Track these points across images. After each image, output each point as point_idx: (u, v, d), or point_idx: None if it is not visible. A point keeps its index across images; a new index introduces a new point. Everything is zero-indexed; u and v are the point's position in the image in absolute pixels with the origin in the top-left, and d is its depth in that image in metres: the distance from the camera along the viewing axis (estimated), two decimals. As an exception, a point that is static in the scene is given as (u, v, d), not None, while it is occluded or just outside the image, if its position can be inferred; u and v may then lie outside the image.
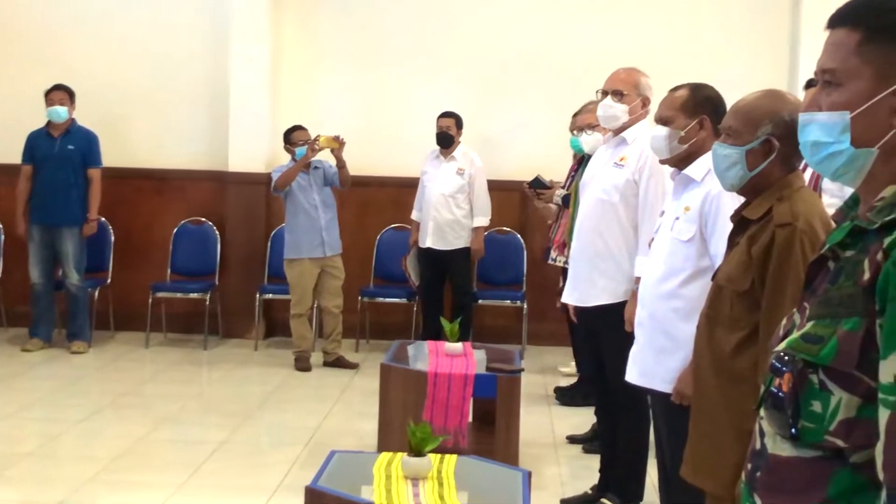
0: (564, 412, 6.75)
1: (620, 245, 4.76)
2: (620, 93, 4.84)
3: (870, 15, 1.71)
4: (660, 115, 3.88)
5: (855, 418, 1.62)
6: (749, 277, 2.88)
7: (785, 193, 2.92)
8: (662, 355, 3.62)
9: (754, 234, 2.91)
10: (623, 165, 4.78)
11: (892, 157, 1.71)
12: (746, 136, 2.97)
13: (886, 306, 1.57)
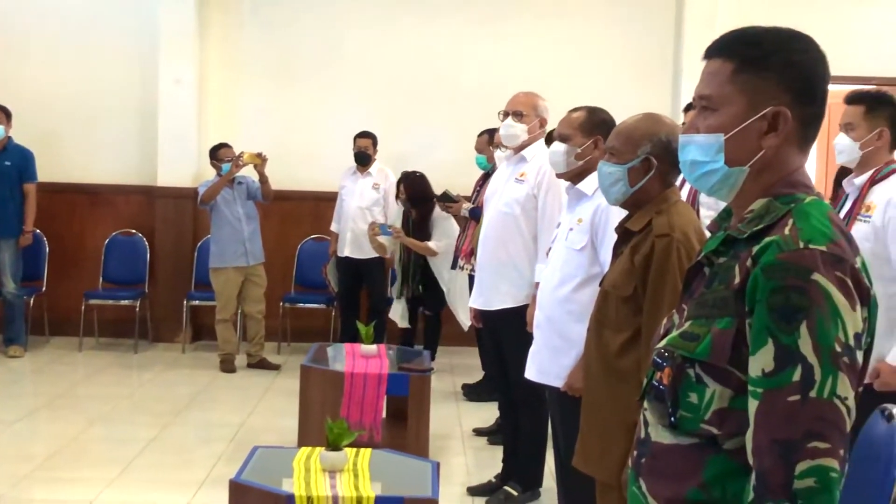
0: (471, 407, 6.78)
1: (521, 254, 4.80)
2: (520, 113, 4.88)
3: (742, 48, 1.77)
4: (559, 133, 3.94)
5: (727, 408, 1.66)
6: (632, 284, 2.93)
7: (663, 207, 2.98)
8: (558, 354, 3.66)
9: (636, 244, 2.96)
10: (523, 181, 4.82)
11: (761, 174, 1.76)
12: (628, 155, 3.03)
13: (755, 307, 1.63)
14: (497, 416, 5.76)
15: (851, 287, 1.61)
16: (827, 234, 1.64)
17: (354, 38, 8.76)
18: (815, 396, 1.55)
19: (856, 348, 1.60)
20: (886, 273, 3.71)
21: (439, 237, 7.34)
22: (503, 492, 4.89)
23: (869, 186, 3.83)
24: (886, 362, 3.68)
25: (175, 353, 8.32)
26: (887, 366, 3.68)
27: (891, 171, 3.85)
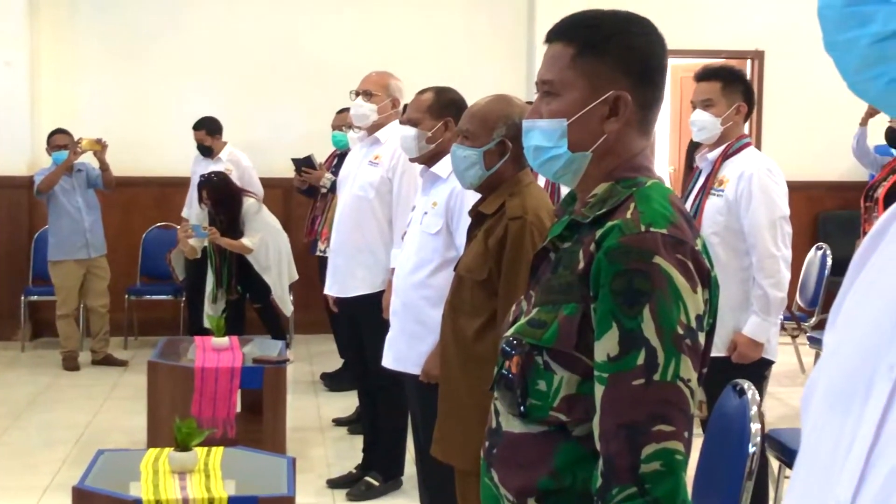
0: (331, 397, 6.77)
1: (377, 238, 4.82)
2: (370, 93, 4.88)
3: (582, 32, 1.81)
4: (408, 117, 3.96)
5: (575, 394, 1.71)
6: (486, 267, 2.98)
7: (516, 189, 3.04)
8: (415, 340, 3.69)
9: (490, 227, 3.01)
10: (377, 164, 4.83)
11: (604, 158, 1.82)
12: (483, 138, 3.07)
13: (598, 292, 1.67)
14: (357, 405, 5.77)
15: (692, 269, 1.68)
16: (667, 216, 1.70)
17: (200, 13, 8.59)
18: (658, 380, 1.61)
19: (697, 330, 1.67)
20: (740, 246, 3.87)
21: (252, 233, 7.13)
22: (364, 482, 4.91)
23: (721, 161, 3.98)
24: (743, 334, 3.84)
25: (13, 352, 8.04)
26: (744, 337, 3.84)
27: (743, 146, 4.00)
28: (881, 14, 0.76)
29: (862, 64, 0.79)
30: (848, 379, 0.86)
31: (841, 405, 0.85)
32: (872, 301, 0.88)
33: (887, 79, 0.78)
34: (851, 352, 0.89)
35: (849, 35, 0.78)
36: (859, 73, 0.79)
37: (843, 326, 0.93)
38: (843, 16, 0.78)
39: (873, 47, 0.77)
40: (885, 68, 0.77)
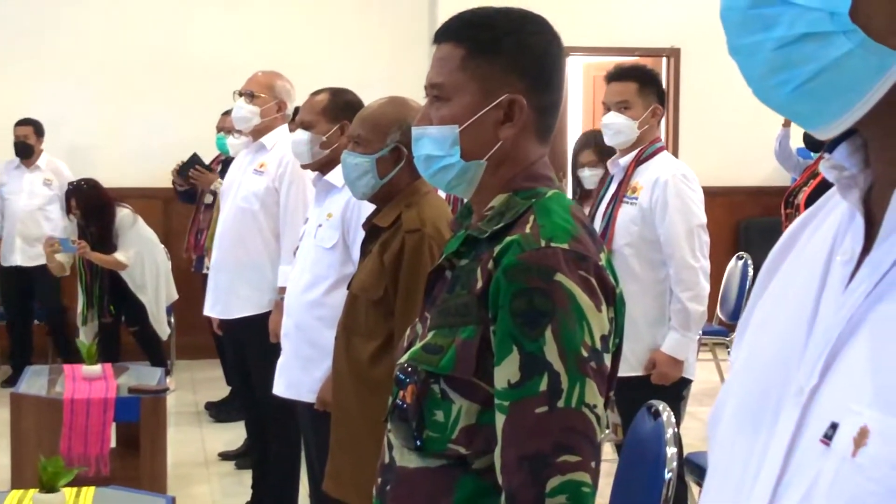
0: (217, 428, 6.70)
1: (263, 254, 4.78)
2: (253, 94, 4.85)
3: (473, 31, 1.82)
4: (301, 120, 3.95)
5: (475, 425, 1.72)
6: (382, 285, 2.97)
7: (413, 200, 3.04)
8: (309, 365, 3.67)
9: (385, 241, 3.01)
10: (263, 172, 4.79)
11: (500, 167, 1.83)
12: (376, 144, 3.07)
13: (497, 314, 1.68)
14: (245, 437, 5.71)
15: (596, 286, 1.70)
16: (569, 230, 1.72)
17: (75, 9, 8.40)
18: (562, 406, 1.63)
19: (603, 351, 1.69)
20: (655, 258, 3.93)
21: (126, 247, 7.03)
22: (254, 521, 4.86)
23: (634, 167, 4.03)
24: (662, 351, 3.89)
25: None
26: (662, 355, 3.89)
27: (656, 150, 4.06)
28: (786, 17, 0.78)
29: (767, 69, 0.81)
30: (756, 399, 0.88)
31: (749, 427, 0.87)
32: (781, 315, 0.90)
33: (793, 85, 0.79)
34: (760, 370, 0.91)
35: (753, 39, 0.80)
36: (764, 80, 0.81)
37: (751, 342, 0.95)
38: (746, 18, 0.80)
39: (778, 52, 0.79)
40: (789, 74, 0.79)
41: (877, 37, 0.76)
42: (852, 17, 0.76)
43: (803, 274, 0.91)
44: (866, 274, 0.81)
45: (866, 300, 0.80)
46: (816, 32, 0.77)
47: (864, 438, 0.74)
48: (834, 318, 0.83)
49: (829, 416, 0.79)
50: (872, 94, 0.78)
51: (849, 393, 0.78)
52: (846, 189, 0.86)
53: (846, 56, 0.77)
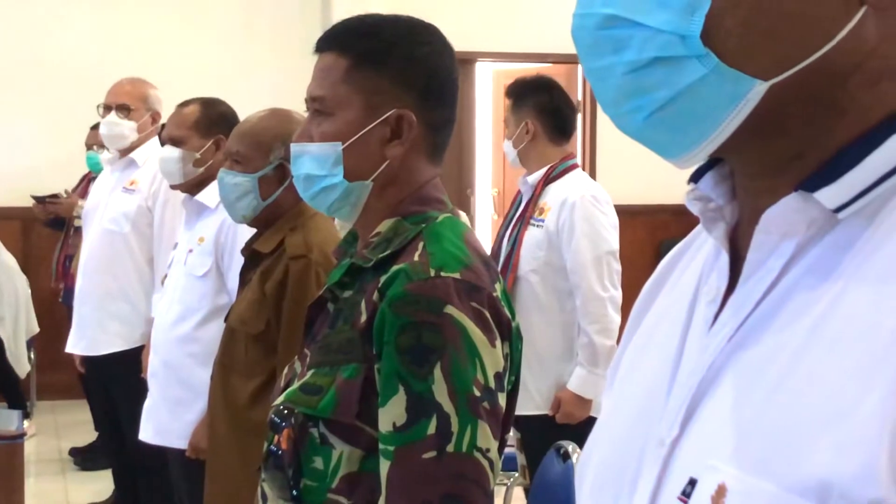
0: (83, 478, 6.62)
1: (134, 282, 4.74)
2: (127, 107, 4.81)
3: (358, 40, 1.83)
4: (170, 135, 3.91)
5: (357, 472, 1.72)
6: (263, 317, 2.96)
7: (298, 223, 3.03)
8: (179, 408, 3.64)
9: (267, 268, 2.99)
10: (134, 190, 4.76)
11: (387, 189, 1.84)
12: (257, 162, 3.05)
13: (383, 350, 1.68)
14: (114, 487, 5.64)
15: (490, 320, 1.71)
16: (461, 258, 1.73)
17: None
18: (452, 451, 1.64)
19: (497, 390, 1.70)
20: (562, 286, 3.95)
21: None
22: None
23: (543, 185, 4.05)
24: (568, 389, 3.92)
25: None
26: (569, 393, 3.92)
27: (567, 168, 4.09)
28: (636, 40, 0.79)
29: (619, 95, 0.82)
30: (620, 452, 0.90)
31: (613, 482, 0.89)
32: (647, 359, 0.92)
33: (646, 112, 0.81)
34: (624, 419, 0.93)
35: (604, 62, 0.81)
36: (617, 105, 0.83)
37: (618, 388, 0.97)
38: (597, 40, 0.82)
39: (629, 77, 0.80)
40: (642, 101, 0.81)
41: (731, 62, 0.78)
42: (705, 41, 0.77)
43: (672, 314, 0.93)
44: (729, 315, 0.83)
45: (728, 344, 0.82)
46: (668, 57, 0.78)
47: (722, 497, 0.76)
48: (696, 363, 0.84)
49: (689, 472, 0.80)
50: (729, 122, 0.80)
51: (708, 446, 0.80)
52: (711, 223, 0.88)
53: (699, 82, 0.78)
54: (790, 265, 0.80)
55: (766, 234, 0.81)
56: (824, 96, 0.79)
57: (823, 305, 0.76)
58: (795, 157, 0.81)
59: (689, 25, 0.77)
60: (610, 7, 0.80)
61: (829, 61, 0.78)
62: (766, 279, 0.81)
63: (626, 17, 0.79)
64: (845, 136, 0.79)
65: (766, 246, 0.82)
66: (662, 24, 0.78)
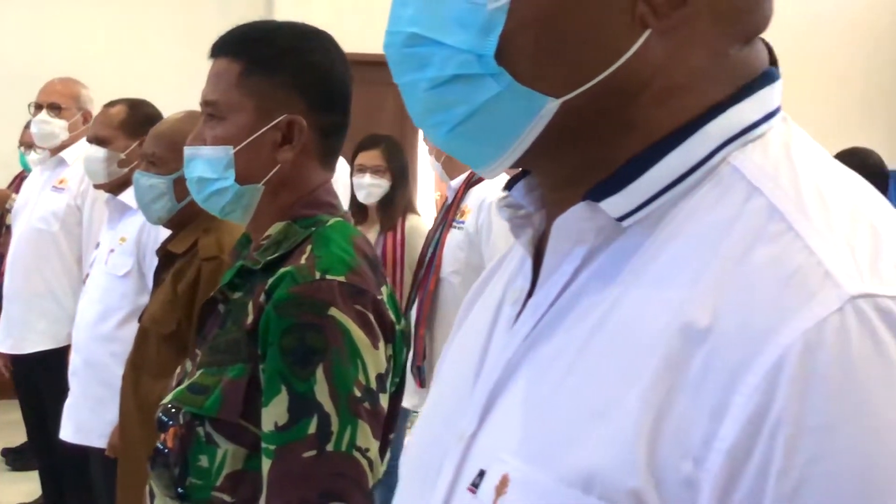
0: (15, 478, 6.57)
1: (63, 281, 4.72)
2: (58, 106, 4.80)
3: (251, 46, 1.86)
4: (95, 135, 3.91)
5: (242, 471, 1.75)
6: (175, 318, 2.97)
7: (212, 225, 3.04)
8: (99, 407, 3.64)
9: (180, 269, 3.01)
10: (63, 189, 4.74)
11: (279, 192, 1.87)
12: (173, 163, 3.06)
13: (267, 351, 1.71)
14: (46, 486, 5.62)
15: (373, 322, 1.74)
16: (347, 261, 1.76)
17: None
18: (332, 450, 1.67)
19: (379, 391, 1.73)
20: (482, 286, 3.98)
21: None
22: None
23: (465, 188, 4.10)
24: None
25: None
26: None
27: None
28: (438, 57, 0.83)
29: (424, 109, 0.86)
30: (429, 446, 0.94)
31: (420, 477, 0.93)
32: (459, 361, 0.96)
33: (448, 126, 0.85)
34: (436, 415, 0.97)
35: (409, 78, 0.85)
36: (424, 119, 0.87)
37: (437, 385, 1.01)
38: (403, 56, 0.85)
39: (431, 92, 0.84)
40: (444, 115, 0.84)
41: (523, 80, 0.81)
42: (499, 60, 0.81)
43: (483, 317, 0.97)
44: (528, 315, 0.87)
45: (524, 342, 0.86)
46: (466, 74, 0.82)
47: (505, 487, 0.79)
48: (496, 360, 0.89)
49: (480, 464, 0.84)
50: (525, 136, 0.83)
51: (499, 439, 0.83)
52: (519, 229, 0.92)
53: (495, 98, 0.82)
54: (581, 270, 0.84)
55: (560, 241, 0.86)
56: (614, 113, 0.83)
57: (604, 308, 0.80)
58: (589, 169, 0.84)
59: (485, 45, 0.81)
60: (414, 26, 0.84)
61: (617, 80, 0.81)
62: (559, 282, 0.85)
63: (428, 36, 0.83)
64: (633, 150, 0.83)
65: (560, 251, 0.86)
66: (461, 43, 0.81)
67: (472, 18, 0.81)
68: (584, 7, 0.80)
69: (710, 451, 0.70)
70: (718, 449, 0.70)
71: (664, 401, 0.73)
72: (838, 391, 0.68)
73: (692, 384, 0.72)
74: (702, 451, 0.71)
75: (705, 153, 0.81)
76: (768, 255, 0.74)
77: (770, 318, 0.71)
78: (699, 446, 0.71)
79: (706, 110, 0.82)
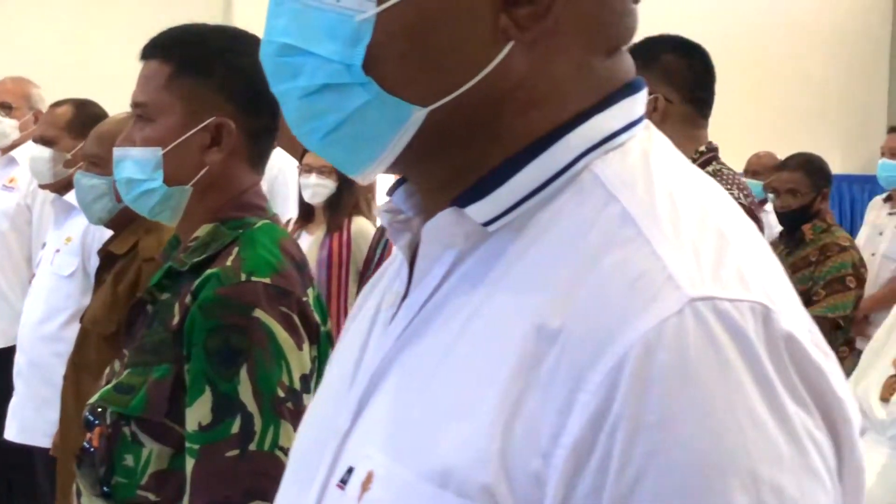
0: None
1: (12, 280, 4.71)
2: (9, 105, 4.81)
3: (181, 49, 1.88)
4: (42, 135, 3.92)
5: (166, 470, 1.76)
6: (115, 319, 2.97)
7: (153, 226, 3.04)
8: (44, 406, 3.64)
9: (121, 270, 3.02)
10: (13, 188, 4.74)
11: (207, 194, 1.88)
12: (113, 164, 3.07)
13: (192, 351, 1.73)
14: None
15: (298, 323, 1.77)
16: (273, 263, 1.78)
17: None
18: (255, 449, 1.69)
19: (302, 392, 1.75)
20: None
21: None
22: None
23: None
24: None
25: None
26: None
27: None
28: (308, 67, 0.85)
29: (298, 117, 0.89)
30: (310, 444, 0.96)
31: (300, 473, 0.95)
32: (343, 357, 0.99)
33: (321, 134, 0.87)
34: (318, 413, 1.00)
35: (283, 87, 0.88)
36: (299, 126, 0.89)
37: (324, 382, 1.04)
38: (276, 66, 0.88)
39: (304, 101, 0.87)
40: (317, 123, 0.87)
41: (390, 89, 0.84)
42: (367, 70, 0.84)
43: (365, 319, 0.99)
44: (402, 317, 0.90)
45: (397, 343, 0.89)
46: (336, 84, 0.84)
47: (370, 483, 0.83)
48: (371, 359, 0.91)
49: (350, 461, 0.87)
50: (395, 144, 0.86)
51: (368, 437, 0.86)
52: (398, 233, 0.95)
53: (364, 107, 0.85)
54: (451, 272, 0.87)
55: (430, 245, 0.88)
56: (481, 122, 0.86)
57: (470, 310, 0.83)
58: (458, 175, 0.87)
59: (353, 55, 0.83)
60: (286, 37, 0.86)
61: (482, 90, 0.84)
62: (431, 285, 0.88)
63: (299, 46, 0.85)
64: (499, 158, 0.86)
65: (430, 255, 0.89)
66: (330, 53, 0.84)
67: (340, 30, 0.83)
68: (448, 20, 0.83)
69: (557, 448, 0.73)
70: (564, 445, 0.73)
71: (518, 400, 0.76)
72: (674, 388, 0.71)
73: (543, 384, 0.75)
74: (549, 448, 0.74)
75: (567, 161, 0.84)
76: (617, 260, 0.77)
77: (614, 320, 0.74)
78: (547, 443, 0.74)
79: (569, 119, 0.85)
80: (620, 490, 0.71)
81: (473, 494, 0.76)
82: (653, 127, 0.89)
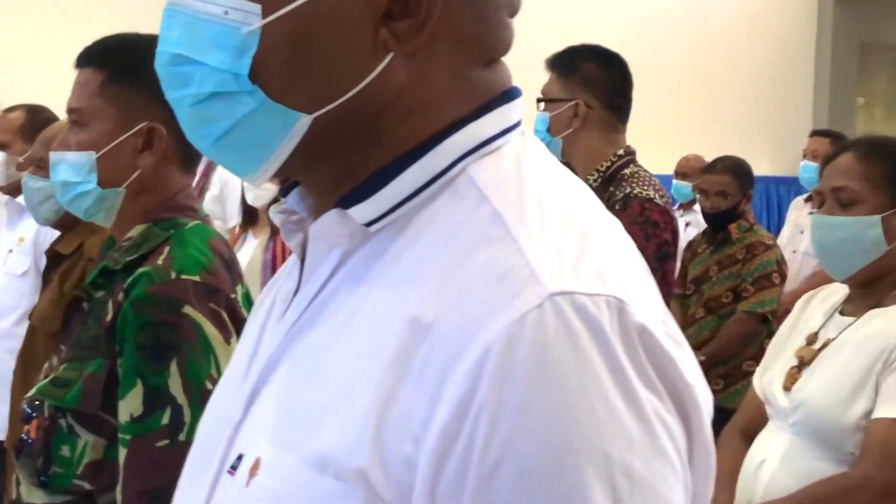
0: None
1: (-31, 281, 4.68)
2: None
3: (113, 57, 1.89)
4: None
5: (101, 461, 1.78)
6: (60, 317, 2.97)
7: (99, 227, 3.01)
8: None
9: (67, 269, 3.03)
10: (-32, 191, 4.70)
11: (140, 196, 1.90)
12: None
13: (124, 347, 1.74)
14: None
15: (226, 319, 1.78)
16: (202, 262, 1.80)
17: None
18: (184, 440, 1.70)
19: None
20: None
21: None
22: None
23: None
24: None
25: None
26: None
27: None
28: (198, 76, 0.87)
29: (191, 123, 0.90)
30: (206, 435, 0.99)
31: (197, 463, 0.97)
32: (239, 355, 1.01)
33: (212, 139, 0.89)
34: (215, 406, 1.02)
35: (176, 94, 0.90)
36: (192, 132, 0.91)
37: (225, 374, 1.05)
38: (168, 75, 0.90)
39: (195, 108, 0.88)
40: (208, 129, 0.89)
41: (276, 97, 0.86)
42: (254, 79, 0.85)
43: (260, 316, 1.02)
44: (292, 311, 0.92)
45: (287, 336, 0.91)
46: (224, 92, 0.86)
47: (257, 469, 0.85)
48: (263, 354, 0.93)
49: (240, 449, 0.89)
50: (282, 149, 0.88)
51: (257, 426, 0.89)
52: (291, 233, 0.96)
53: (252, 114, 0.86)
54: (338, 270, 0.89)
55: (318, 244, 0.90)
56: (364, 128, 0.88)
57: (353, 305, 0.85)
58: (343, 179, 0.89)
59: (240, 65, 0.85)
60: (177, 47, 0.88)
61: (364, 98, 0.86)
62: (319, 281, 0.90)
63: (189, 56, 0.87)
64: (381, 163, 0.88)
65: (318, 254, 0.91)
66: (218, 63, 0.86)
67: (228, 41, 0.85)
68: (329, 32, 0.84)
69: (427, 433, 0.76)
70: (433, 431, 0.75)
71: (392, 389, 0.78)
72: (533, 377, 0.74)
73: (416, 374, 0.77)
74: (420, 434, 0.76)
75: (445, 165, 0.86)
76: (486, 257, 0.79)
77: (481, 314, 0.76)
78: (418, 429, 0.76)
79: (447, 126, 0.87)
80: (483, 473, 0.74)
81: (349, 478, 0.78)
82: (528, 133, 0.92)
